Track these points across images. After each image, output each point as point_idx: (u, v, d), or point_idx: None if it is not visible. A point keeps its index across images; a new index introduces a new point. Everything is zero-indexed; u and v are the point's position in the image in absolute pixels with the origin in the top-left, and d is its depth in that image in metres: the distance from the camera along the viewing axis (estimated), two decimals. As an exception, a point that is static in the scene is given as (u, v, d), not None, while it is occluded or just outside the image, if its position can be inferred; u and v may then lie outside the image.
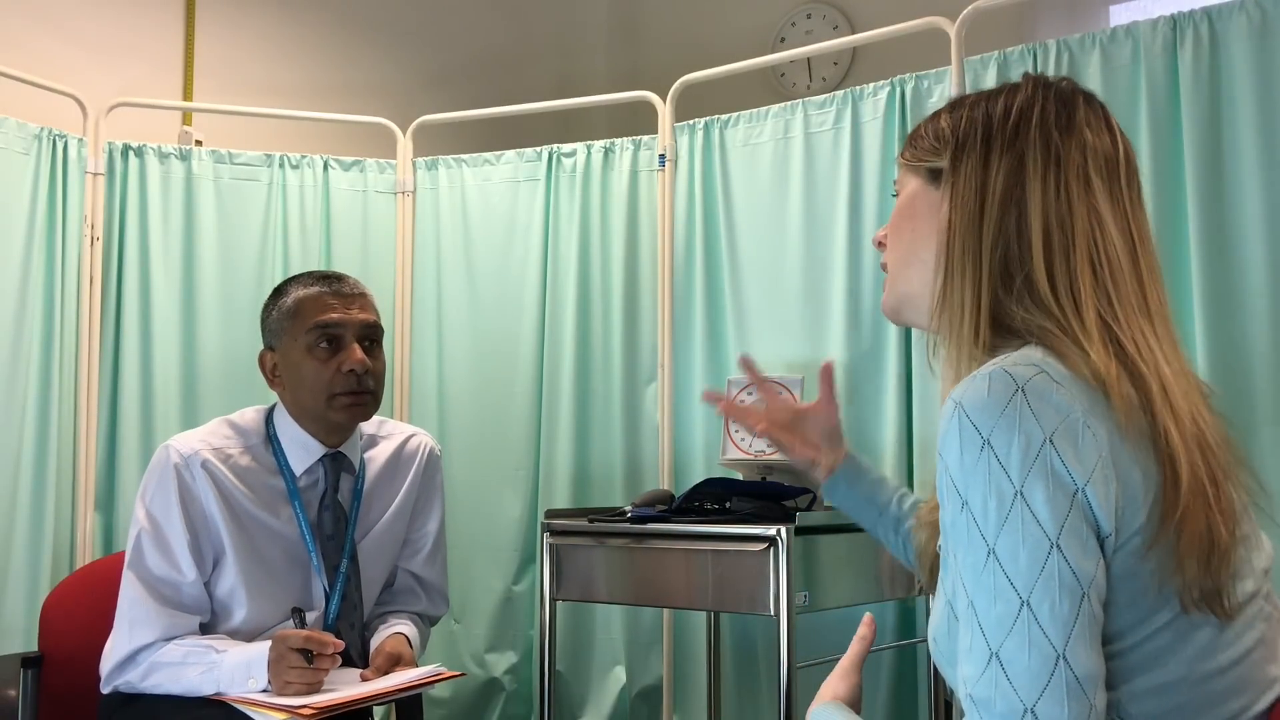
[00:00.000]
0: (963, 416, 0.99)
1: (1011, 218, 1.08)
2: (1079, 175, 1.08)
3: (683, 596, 2.28)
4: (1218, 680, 1.02)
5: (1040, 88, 1.13)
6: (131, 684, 1.91)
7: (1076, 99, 1.13)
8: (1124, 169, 1.11)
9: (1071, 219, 1.07)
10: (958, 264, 1.09)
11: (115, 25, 3.23)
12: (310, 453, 2.05)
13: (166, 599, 1.93)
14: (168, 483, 1.95)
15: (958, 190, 1.11)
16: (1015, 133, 1.10)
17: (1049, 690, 0.94)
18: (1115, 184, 1.10)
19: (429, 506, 2.22)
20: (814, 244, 2.73)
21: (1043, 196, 1.07)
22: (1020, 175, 1.08)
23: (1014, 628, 0.95)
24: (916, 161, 1.17)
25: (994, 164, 1.09)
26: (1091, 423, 0.98)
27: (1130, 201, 1.10)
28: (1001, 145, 1.10)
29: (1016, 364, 1.01)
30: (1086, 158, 1.09)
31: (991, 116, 1.12)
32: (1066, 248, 1.06)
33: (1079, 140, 1.09)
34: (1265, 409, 2.14)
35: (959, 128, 1.13)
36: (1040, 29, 3.26)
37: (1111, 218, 1.08)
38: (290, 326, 2.02)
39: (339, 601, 2.03)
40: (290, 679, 1.81)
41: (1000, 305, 1.08)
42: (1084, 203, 1.07)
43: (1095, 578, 0.97)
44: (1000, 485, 0.97)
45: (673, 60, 3.52)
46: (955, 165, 1.12)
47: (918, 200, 1.16)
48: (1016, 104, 1.11)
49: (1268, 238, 2.16)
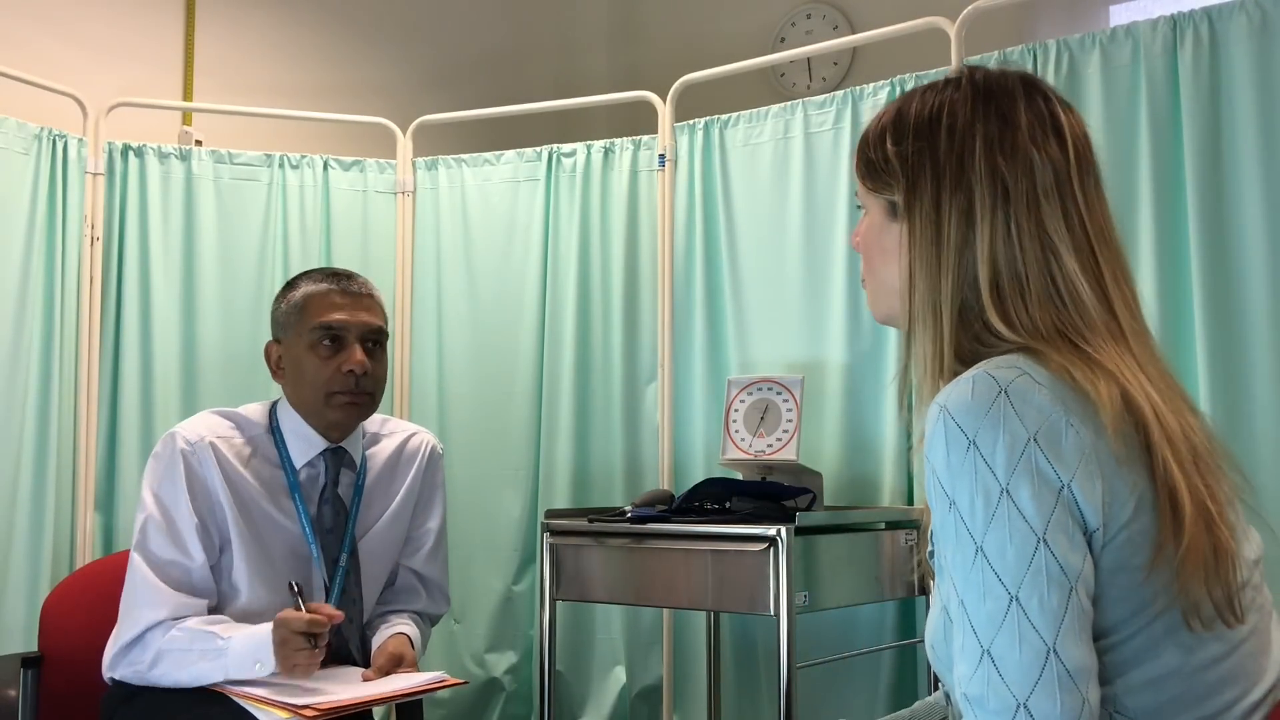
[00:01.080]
0: (948, 419, 1.01)
1: (967, 263, 1.08)
2: (1027, 204, 1.08)
3: (683, 596, 2.28)
4: (1211, 671, 1.02)
5: (980, 98, 1.11)
6: (139, 672, 1.90)
7: (1015, 102, 1.11)
8: (1075, 171, 1.10)
9: (1024, 258, 1.07)
10: (919, 314, 1.11)
11: (115, 25, 3.23)
12: (312, 446, 2.06)
13: (175, 580, 1.93)
14: (175, 468, 1.96)
15: (913, 236, 1.11)
16: (960, 164, 1.09)
17: (1041, 684, 0.94)
18: (1067, 197, 1.09)
19: (430, 504, 2.22)
20: (814, 244, 2.73)
21: (990, 239, 1.07)
22: (970, 217, 1.08)
23: (1004, 624, 0.96)
24: (872, 191, 1.17)
25: (945, 207, 1.09)
26: (1074, 421, 0.99)
27: (1085, 205, 1.10)
28: (950, 182, 1.09)
29: (999, 367, 1.03)
30: (1034, 179, 1.08)
31: (935, 141, 1.11)
32: (1021, 290, 1.07)
33: (1024, 162, 1.08)
34: (1265, 409, 2.14)
35: (906, 157, 1.12)
36: (1040, 29, 3.26)
37: (1066, 241, 1.08)
38: (296, 321, 2.03)
39: (339, 594, 2.03)
40: (297, 661, 1.82)
41: (961, 347, 1.09)
42: (1035, 237, 1.07)
43: (1083, 571, 0.98)
44: (987, 484, 0.98)
45: (673, 60, 3.52)
46: (909, 205, 1.12)
47: (883, 234, 1.17)
48: (958, 123, 1.10)
49: (1268, 238, 2.16)
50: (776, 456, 2.44)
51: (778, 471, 2.45)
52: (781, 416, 2.47)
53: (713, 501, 2.30)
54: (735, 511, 2.23)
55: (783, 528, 2.06)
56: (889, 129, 1.15)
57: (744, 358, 2.82)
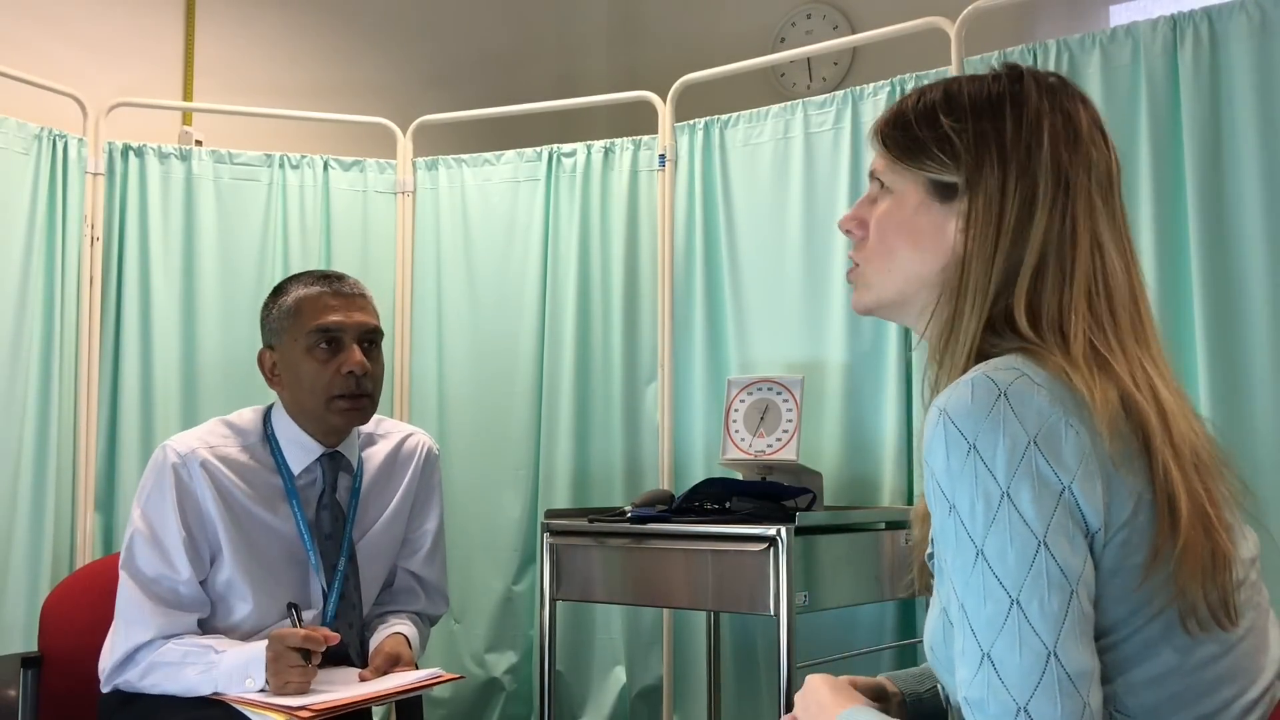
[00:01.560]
0: (948, 423, 1.00)
1: (1018, 250, 1.07)
2: (1085, 200, 1.08)
3: (683, 596, 2.28)
4: (1209, 669, 1.03)
5: (1044, 92, 1.11)
6: (130, 683, 1.92)
7: (1077, 107, 1.12)
8: (1116, 180, 1.11)
9: (1074, 251, 1.07)
10: (969, 296, 1.08)
11: (115, 25, 3.23)
12: (308, 452, 2.05)
13: (161, 598, 1.93)
14: (164, 482, 1.95)
15: (974, 220, 1.08)
16: (1029, 154, 1.08)
17: (1041, 688, 0.94)
18: (1112, 200, 1.10)
19: (427, 506, 2.22)
20: (814, 244, 2.73)
21: (1047, 229, 1.07)
22: (1031, 206, 1.07)
23: (1004, 627, 0.96)
24: (918, 168, 1.12)
25: (1010, 192, 1.07)
26: (1073, 422, 0.99)
27: (1123, 215, 1.11)
28: (1017, 170, 1.08)
29: (998, 369, 1.02)
30: (1091, 178, 1.09)
31: (1001, 126, 1.09)
32: (1062, 282, 1.06)
33: (1084, 160, 1.09)
34: (1265, 411, 2.14)
35: (972, 143, 1.09)
36: (1040, 29, 3.26)
37: (1112, 240, 1.09)
38: (290, 326, 2.02)
39: (337, 600, 2.03)
40: (289, 678, 1.81)
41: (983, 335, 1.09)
42: (1088, 230, 1.08)
43: (1083, 574, 0.97)
44: (987, 487, 0.98)
45: (673, 60, 3.52)
46: (972, 186, 1.09)
47: (918, 213, 1.13)
48: (1027, 117, 1.09)
49: (1268, 237, 2.16)
50: (776, 456, 2.44)
51: (778, 471, 2.45)
52: (781, 416, 2.47)
53: (713, 501, 2.30)
54: (735, 511, 2.23)
55: (783, 528, 2.05)
56: (939, 106, 1.12)
57: (744, 358, 2.82)
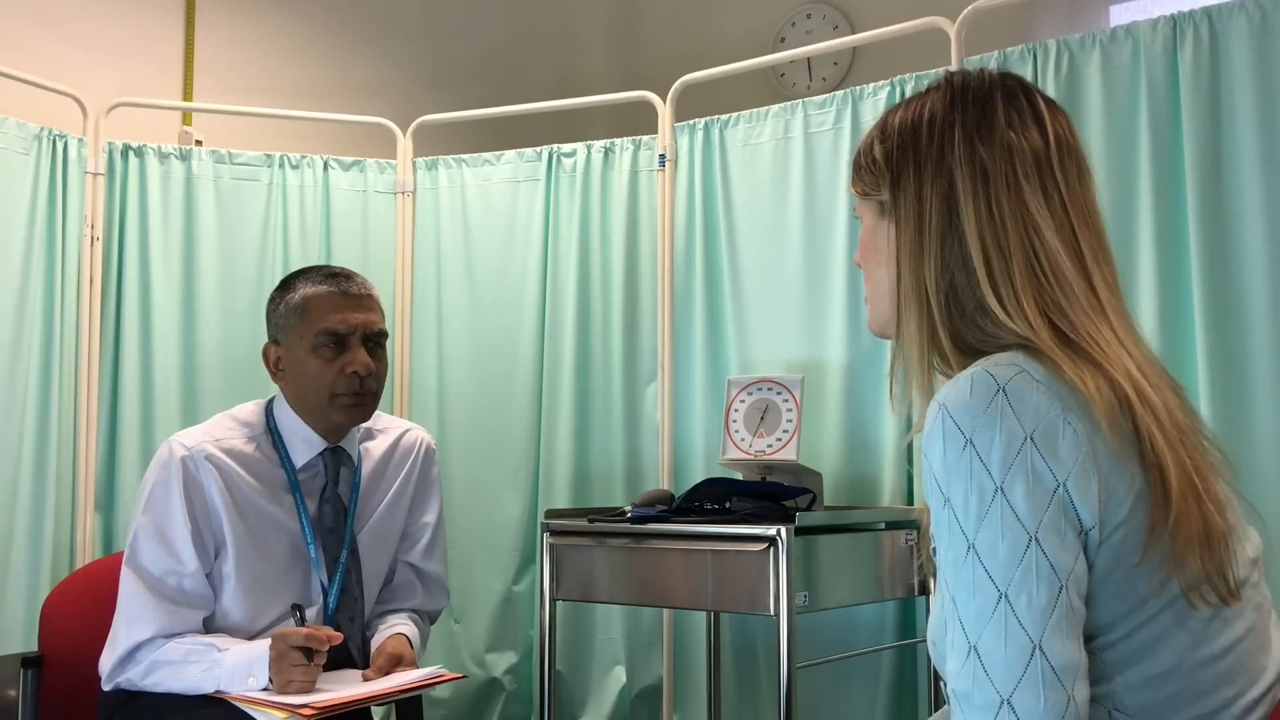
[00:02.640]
0: (946, 417, 1.02)
1: (952, 246, 1.10)
2: (1007, 185, 1.10)
3: (683, 596, 2.28)
4: (1209, 669, 1.03)
5: (957, 93, 1.14)
6: (132, 681, 1.91)
7: (994, 98, 1.13)
8: (1056, 156, 1.12)
9: (1006, 234, 1.09)
10: (906, 300, 1.13)
11: (115, 25, 3.23)
12: (311, 446, 2.06)
13: (164, 594, 1.93)
14: (171, 475, 1.96)
15: (900, 226, 1.14)
16: (940, 153, 1.12)
17: (1025, 681, 0.95)
18: (1047, 178, 1.11)
19: (427, 500, 2.22)
20: (814, 244, 2.73)
21: (975, 218, 1.09)
22: (953, 200, 1.10)
23: (991, 620, 0.97)
24: (864, 195, 1.20)
25: (927, 192, 1.11)
26: (1071, 420, 1.00)
27: (1066, 188, 1.11)
28: (931, 170, 1.12)
29: (998, 365, 1.04)
30: (1013, 162, 1.10)
31: (918, 138, 1.13)
32: (1005, 266, 1.08)
33: (1002, 146, 1.11)
34: (1265, 411, 2.14)
35: (891, 157, 1.15)
36: (1040, 29, 3.26)
37: (1047, 219, 1.09)
38: (297, 324, 2.02)
39: (338, 594, 2.03)
40: (292, 677, 1.81)
41: (959, 334, 1.10)
42: (1016, 214, 1.09)
43: (1074, 571, 0.98)
44: (981, 482, 0.99)
45: (673, 60, 3.52)
46: (894, 199, 1.15)
47: (876, 234, 1.19)
48: (938, 118, 1.13)
49: (1268, 237, 2.16)
50: (776, 456, 2.44)
51: (778, 471, 2.45)
52: (781, 416, 2.47)
53: (713, 501, 2.30)
54: (735, 511, 2.23)
55: (783, 528, 2.06)
56: (876, 136, 1.19)
57: (744, 358, 2.82)
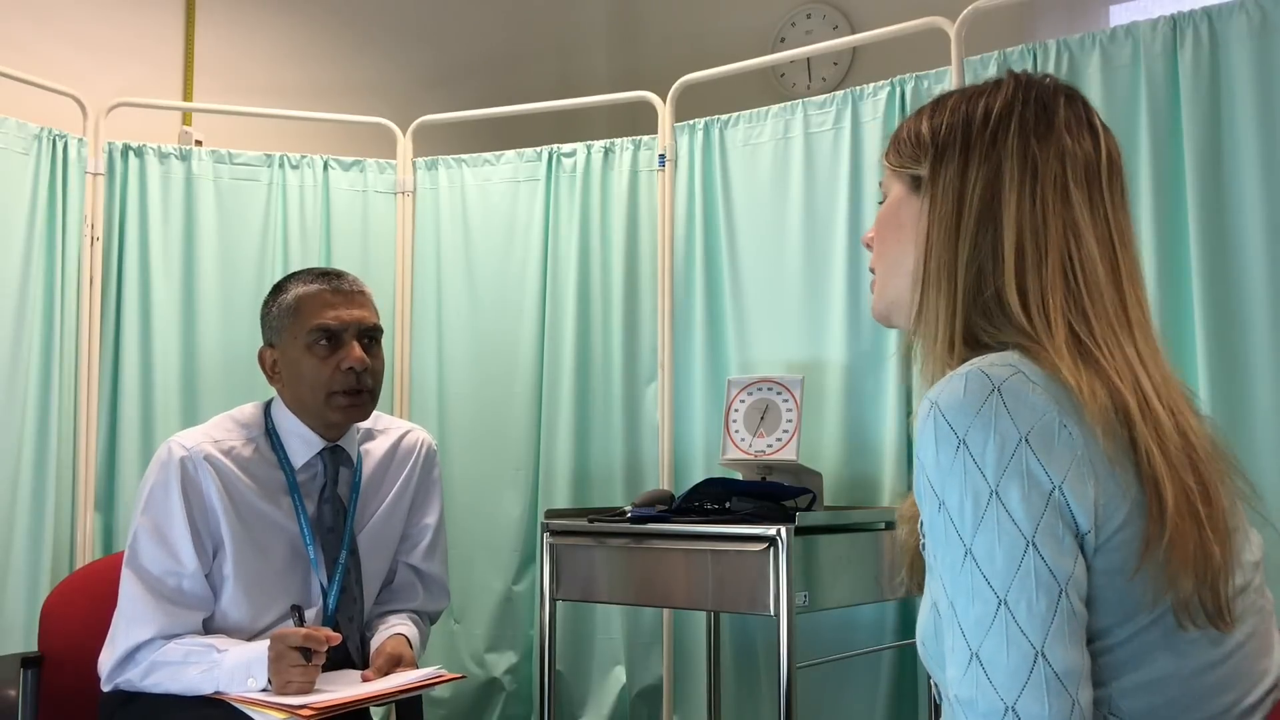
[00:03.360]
0: (939, 416, 1.00)
1: (987, 232, 1.08)
2: (1056, 185, 1.08)
3: (683, 596, 2.28)
4: (1209, 674, 1.02)
5: (1020, 88, 1.12)
6: (131, 682, 1.92)
7: (1057, 99, 1.12)
8: (1105, 171, 1.10)
9: (1046, 232, 1.07)
10: (933, 278, 1.10)
11: (115, 25, 3.23)
12: (310, 446, 2.06)
13: (164, 595, 1.93)
14: (170, 476, 1.96)
15: (936, 202, 1.11)
16: (993, 141, 1.09)
17: (1029, 688, 0.94)
18: (1095, 190, 1.09)
19: (427, 501, 2.22)
20: (814, 244, 2.73)
21: (1018, 210, 1.07)
22: (997, 187, 1.08)
23: (992, 627, 0.96)
24: (899, 167, 1.17)
25: (971, 175, 1.09)
26: (1067, 422, 0.99)
27: (1111, 205, 1.10)
28: (980, 154, 1.09)
29: (993, 364, 1.02)
30: (1065, 165, 1.08)
31: (971, 122, 1.11)
32: (1039, 262, 1.06)
33: (1057, 147, 1.09)
34: (1265, 410, 2.14)
35: (939, 134, 1.12)
36: (1040, 29, 3.26)
37: (1090, 227, 1.08)
38: (290, 324, 2.03)
39: (338, 594, 2.04)
40: (291, 677, 1.81)
41: (971, 321, 1.08)
42: (1059, 214, 1.07)
43: (1073, 574, 0.97)
44: (976, 485, 0.97)
45: (673, 60, 3.52)
46: (934, 175, 1.12)
47: (902, 209, 1.16)
48: (996, 108, 1.11)
49: (1268, 238, 2.16)
50: (776, 456, 2.44)
51: (778, 471, 2.45)
52: (781, 416, 2.47)
53: (713, 501, 2.30)
54: (735, 511, 2.23)
55: (783, 528, 2.06)
56: (926, 110, 1.16)
57: (744, 358, 2.82)
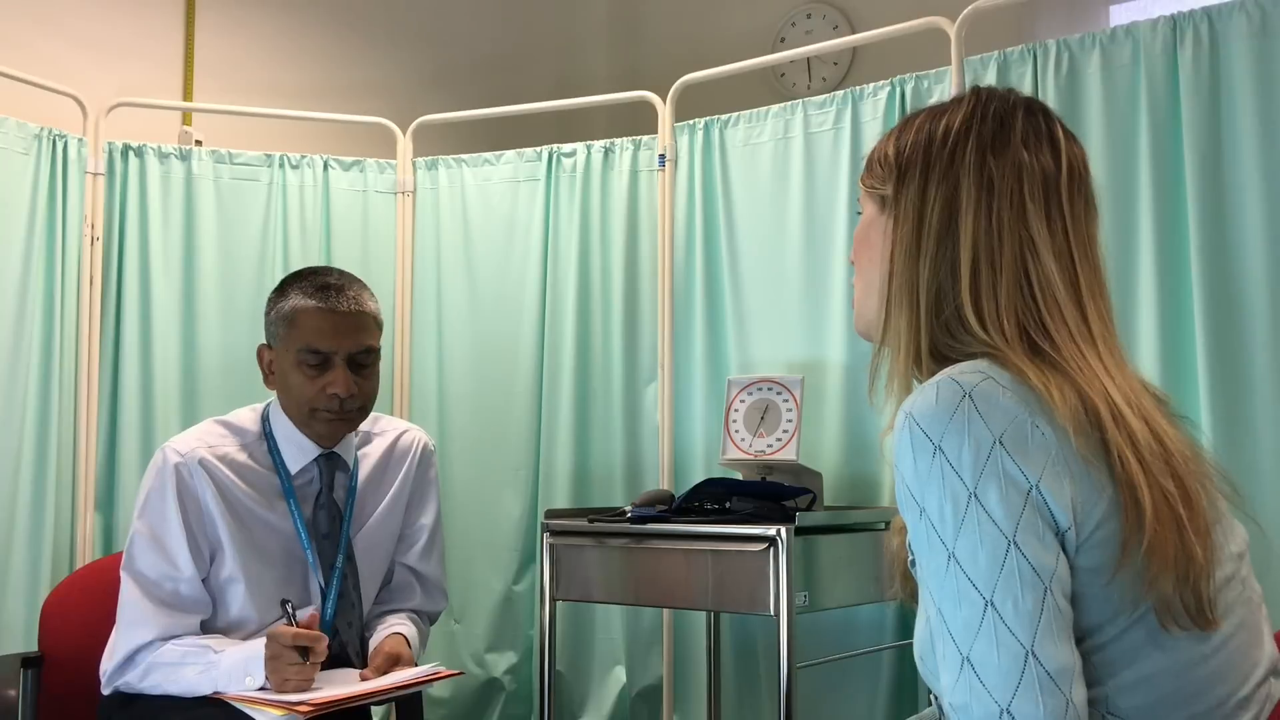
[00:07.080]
0: (913, 425, 1.01)
1: (945, 251, 1.10)
2: (1011, 201, 1.09)
3: (683, 596, 2.28)
4: (1200, 669, 1.03)
5: (980, 105, 1.14)
6: (131, 684, 1.92)
7: (1015, 114, 1.13)
8: (1065, 184, 1.11)
9: (1001, 249, 1.08)
10: (896, 297, 1.12)
11: (115, 25, 3.23)
12: (305, 452, 2.06)
13: (162, 599, 1.93)
14: (166, 482, 1.96)
15: (899, 222, 1.13)
16: (950, 159, 1.11)
17: (1022, 688, 0.95)
18: (1054, 204, 1.10)
19: (424, 501, 2.22)
20: (814, 244, 2.73)
21: (974, 227, 1.09)
22: (955, 206, 1.10)
23: (980, 628, 0.96)
24: (870, 188, 1.19)
25: (931, 194, 1.11)
26: (1039, 423, 1.00)
27: (1071, 217, 1.11)
28: (939, 173, 1.11)
29: (963, 372, 1.03)
30: (1021, 180, 1.10)
31: (932, 141, 1.13)
32: (994, 280, 1.08)
33: (1013, 162, 1.10)
34: (1265, 410, 2.14)
35: (902, 154, 1.15)
36: (1040, 29, 3.26)
37: (1047, 242, 1.09)
38: (285, 334, 2.01)
39: (336, 599, 2.03)
40: (288, 675, 1.81)
41: (935, 337, 1.10)
42: (1015, 231, 1.09)
43: (1056, 571, 0.98)
44: (954, 489, 0.98)
45: (673, 60, 3.52)
46: (897, 195, 1.14)
47: (872, 229, 1.19)
48: (955, 125, 1.13)
49: (1268, 238, 2.16)
50: (776, 456, 2.44)
51: (778, 471, 2.45)
52: (781, 416, 2.47)
53: (713, 501, 2.30)
54: (735, 511, 2.23)
55: (783, 528, 2.06)
56: (895, 131, 1.19)
57: (744, 358, 2.82)
